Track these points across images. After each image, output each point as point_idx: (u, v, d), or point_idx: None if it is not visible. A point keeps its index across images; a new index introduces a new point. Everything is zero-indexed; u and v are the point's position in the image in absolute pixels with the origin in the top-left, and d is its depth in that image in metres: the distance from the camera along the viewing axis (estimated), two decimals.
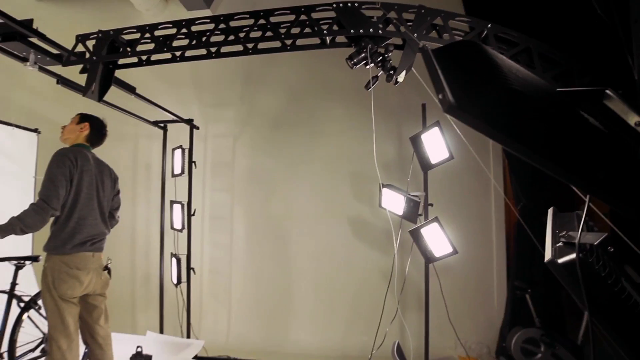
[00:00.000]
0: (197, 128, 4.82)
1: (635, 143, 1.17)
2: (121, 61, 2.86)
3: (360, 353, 4.21)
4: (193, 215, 4.62)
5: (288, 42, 2.66)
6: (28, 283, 3.87)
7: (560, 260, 1.21)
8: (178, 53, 2.81)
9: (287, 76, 5.03)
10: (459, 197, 4.60)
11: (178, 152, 4.58)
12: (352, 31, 2.42)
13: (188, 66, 5.05)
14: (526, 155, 0.94)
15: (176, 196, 4.64)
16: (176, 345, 4.26)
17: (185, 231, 4.60)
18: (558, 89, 1.34)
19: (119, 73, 2.94)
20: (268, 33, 2.57)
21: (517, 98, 1.05)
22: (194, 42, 2.65)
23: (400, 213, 3.63)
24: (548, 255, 1.29)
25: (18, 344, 3.18)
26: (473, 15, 2.51)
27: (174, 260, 4.53)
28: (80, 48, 2.72)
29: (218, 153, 5.21)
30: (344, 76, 4.13)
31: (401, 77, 2.53)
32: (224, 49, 2.77)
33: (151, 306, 5.00)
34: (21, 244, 4.25)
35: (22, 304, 3.25)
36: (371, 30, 2.41)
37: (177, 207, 4.57)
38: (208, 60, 2.84)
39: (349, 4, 2.44)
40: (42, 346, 3.39)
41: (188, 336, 4.57)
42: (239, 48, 2.71)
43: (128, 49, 2.69)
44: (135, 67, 2.92)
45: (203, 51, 2.77)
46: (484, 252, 4.62)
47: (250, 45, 2.67)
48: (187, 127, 4.70)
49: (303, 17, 2.52)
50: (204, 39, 2.63)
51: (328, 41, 2.64)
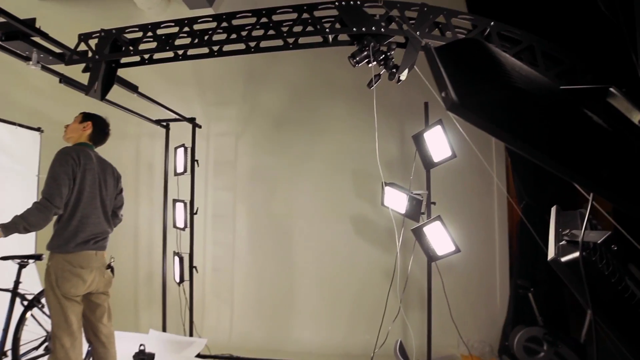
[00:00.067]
0: (200, 127, 4.83)
1: (639, 141, 1.16)
2: (123, 60, 2.87)
3: (362, 351, 4.21)
4: (195, 213, 4.63)
5: (290, 41, 2.66)
6: (31, 281, 3.89)
7: (563, 258, 1.21)
8: (180, 52, 2.82)
9: (290, 75, 5.03)
10: (462, 196, 4.59)
11: (180, 151, 4.59)
12: (355, 29, 2.42)
13: (190, 65, 5.05)
14: (529, 153, 0.94)
15: (179, 195, 4.65)
16: (179, 343, 4.28)
17: (187, 230, 4.61)
18: (561, 87, 1.33)
19: (122, 72, 2.95)
20: (270, 31, 2.57)
21: (520, 96, 1.04)
22: (196, 41, 2.65)
23: (402, 211, 3.62)
24: (551, 253, 1.28)
25: (22, 342, 3.19)
26: (476, 13, 2.51)
27: (177, 258, 4.54)
28: (82, 47, 2.73)
29: (220, 151, 5.21)
30: (346, 74, 4.11)
31: (404, 76, 2.52)
32: (226, 48, 2.77)
33: (154, 304, 5.02)
34: (24, 243, 4.26)
35: (26, 303, 3.26)
36: (373, 28, 2.41)
37: (180, 206, 4.58)
38: (210, 58, 2.84)
39: (352, 2, 2.44)
40: (46, 344, 3.41)
41: (191, 334, 4.59)
42: (241, 46, 2.71)
43: (130, 48, 2.70)
44: (137, 66, 2.93)
45: (205, 50, 2.77)
46: (487, 251, 4.62)
47: (252, 43, 2.67)
48: (190, 126, 4.71)
49: (305, 16, 2.52)
50: (206, 38, 2.63)
51: (330, 39, 2.64)
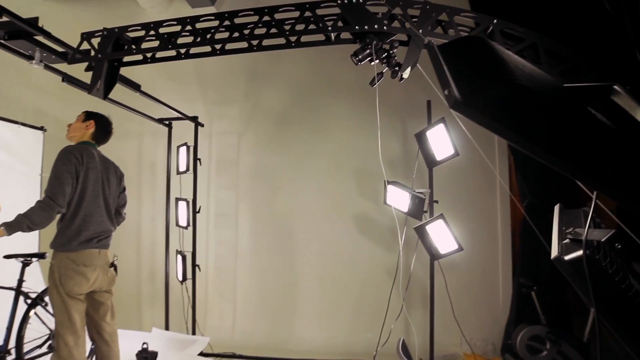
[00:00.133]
0: (202, 125, 4.83)
1: None
2: (126, 59, 2.87)
3: (365, 350, 4.21)
4: (198, 212, 4.64)
5: (293, 39, 2.66)
6: (35, 280, 3.90)
7: (567, 257, 1.20)
8: (182, 50, 2.82)
9: (292, 73, 5.02)
10: (465, 194, 4.58)
11: (183, 150, 4.59)
12: (357, 27, 2.41)
13: (192, 63, 5.02)
14: (533, 151, 0.93)
15: (181, 193, 4.66)
16: (182, 341, 4.28)
17: (190, 228, 4.62)
18: (565, 85, 1.33)
19: (124, 71, 2.95)
20: (272, 30, 2.57)
21: (524, 94, 1.04)
22: (199, 40, 2.65)
23: (405, 210, 3.62)
24: (554, 252, 1.28)
25: (25, 340, 3.20)
26: (478, 10, 2.49)
27: (179, 257, 4.54)
28: (85, 46, 2.73)
29: (223, 150, 5.21)
30: (349, 73, 4.11)
31: (406, 74, 2.52)
32: (229, 46, 2.77)
33: (157, 303, 5.03)
34: (28, 241, 4.27)
35: (29, 301, 3.27)
36: (376, 26, 2.40)
37: (182, 205, 4.58)
38: (212, 57, 2.84)
39: (354, 0, 2.43)
40: (49, 342, 3.41)
41: (193, 333, 4.60)
42: (244, 45, 2.71)
43: (133, 47, 2.70)
44: (140, 65, 2.93)
45: (207, 48, 2.77)
46: (490, 249, 4.61)
47: (254, 42, 2.67)
48: (192, 125, 4.71)
49: (308, 14, 2.52)
50: (209, 36, 2.63)
51: (333, 38, 2.63)
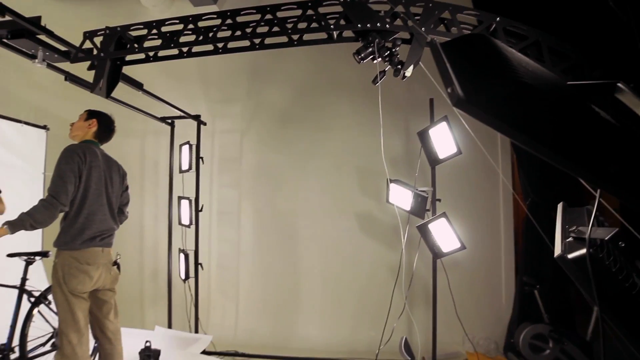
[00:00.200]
0: (205, 124, 4.83)
1: None
2: (128, 57, 2.87)
3: (367, 348, 4.21)
4: (201, 211, 4.65)
5: (295, 37, 2.66)
6: (38, 278, 3.91)
7: (570, 255, 1.20)
8: (185, 49, 2.82)
9: (294, 71, 5.02)
10: (467, 193, 4.57)
11: (185, 148, 4.59)
12: (360, 25, 2.40)
13: (195, 62, 5.03)
14: (536, 149, 0.93)
15: (184, 192, 4.66)
16: (184, 340, 4.29)
17: (193, 227, 4.62)
18: (568, 83, 1.32)
19: (126, 69, 2.95)
20: (275, 28, 2.56)
21: (527, 91, 1.03)
22: (201, 38, 2.65)
23: (407, 208, 3.61)
24: (558, 250, 1.28)
25: (29, 339, 3.21)
26: (481, 8, 2.48)
27: (182, 255, 4.55)
28: (87, 45, 2.74)
29: (225, 149, 5.21)
30: (351, 71, 4.11)
31: (409, 72, 2.51)
32: (231, 45, 2.77)
33: (159, 301, 5.04)
34: (31, 240, 4.28)
35: (33, 299, 3.28)
36: (378, 24, 2.39)
37: (185, 203, 4.59)
38: (215, 55, 2.84)
39: None
40: (53, 340, 3.43)
41: (196, 331, 4.61)
42: (246, 43, 2.71)
43: (135, 45, 2.70)
44: (142, 64, 2.93)
45: (210, 47, 2.77)
46: (492, 248, 4.60)
47: (257, 40, 2.67)
48: (195, 123, 4.71)
49: (310, 12, 2.51)
50: (211, 35, 2.63)
51: (335, 36, 2.63)
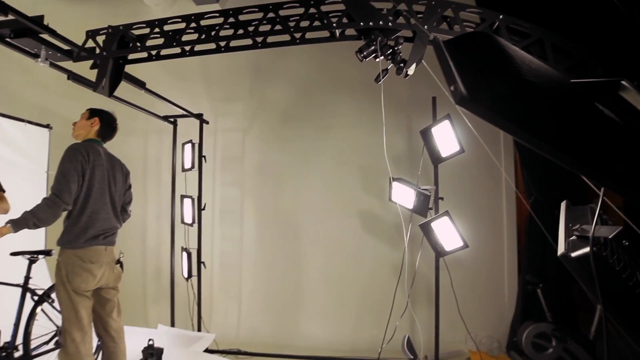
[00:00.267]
0: (207, 122, 4.83)
1: None
2: (131, 56, 2.87)
3: (370, 347, 4.21)
4: (203, 209, 4.65)
5: (297, 36, 2.65)
6: (41, 277, 3.92)
7: (573, 254, 1.19)
8: (187, 47, 2.82)
9: (297, 70, 5.02)
10: (470, 191, 4.56)
11: (188, 147, 4.60)
12: (362, 24, 2.40)
13: (197, 60, 5.05)
14: (539, 147, 0.93)
15: (186, 190, 4.67)
16: (187, 338, 4.30)
17: (195, 225, 4.63)
18: (572, 80, 1.32)
19: (129, 68, 2.95)
20: (277, 26, 2.56)
21: (531, 89, 1.03)
22: (203, 37, 2.65)
23: (410, 207, 3.61)
24: (561, 248, 1.27)
25: (32, 337, 3.22)
26: (484, 6, 2.47)
27: (185, 254, 4.56)
28: (90, 44, 2.74)
29: (228, 147, 5.22)
30: (353, 70, 4.10)
31: (411, 70, 2.51)
32: (233, 43, 2.77)
33: (162, 300, 5.05)
34: (34, 239, 4.29)
35: (36, 298, 3.29)
36: (381, 22, 2.39)
37: (188, 202, 4.60)
38: (217, 54, 2.84)
39: None
40: (56, 339, 3.44)
41: (199, 330, 4.62)
42: (248, 42, 2.71)
43: (138, 44, 2.70)
44: (144, 62, 2.94)
45: (212, 45, 2.77)
46: (495, 246, 4.59)
47: (259, 39, 2.66)
48: (197, 122, 4.72)
49: (312, 10, 2.51)
50: (213, 33, 2.63)
51: (337, 34, 2.62)
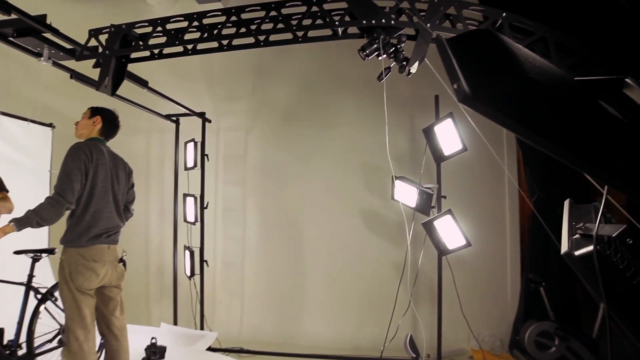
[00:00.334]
0: (209, 121, 4.84)
1: None
2: (133, 55, 2.87)
3: (372, 345, 4.21)
4: (206, 208, 4.65)
5: (300, 34, 2.65)
6: (45, 275, 3.93)
7: (577, 252, 1.19)
8: (190, 46, 2.82)
9: (299, 68, 5.01)
10: (473, 190, 4.55)
11: (190, 146, 4.60)
12: (364, 22, 2.39)
13: (199, 59, 5.06)
14: (543, 145, 0.92)
15: (189, 189, 4.67)
16: (190, 336, 4.31)
17: (198, 224, 4.64)
18: (575, 78, 1.31)
19: (131, 67, 2.95)
20: (279, 25, 2.55)
21: (534, 87, 1.03)
22: (206, 35, 2.65)
23: (413, 205, 3.61)
24: (564, 247, 1.27)
25: (36, 335, 3.23)
26: (487, 4, 2.47)
27: (187, 252, 4.56)
28: (93, 43, 2.74)
29: (230, 146, 5.22)
30: (356, 69, 4.10)
31: (414, 68, 2.50)
32: (236, 42, 2.77)
33: (165, 298, 5.06)
34: (38, 237, 4.31)
35: (39, 296, 3.30)
36: (383, 20, 2.38)
37: (190, 200, 4.60)
38: (219, 53, 2.84)
39: None
40: (59, 337, 3.45)
41: (202, 328, 4.62)
42: (251, 40, 2.70)
43: (140, 43, 2.71)
44: (147, 61, 2.94)
45: (214, 44, 2.77)
46: (498, 245, 4.58)
47: (261, 37, 2.66)
48: (200, 121, 4.72)
49: (315, 9, 2.50)
50: (216, 32, 2.63)
51: (340, 32, 2.62)
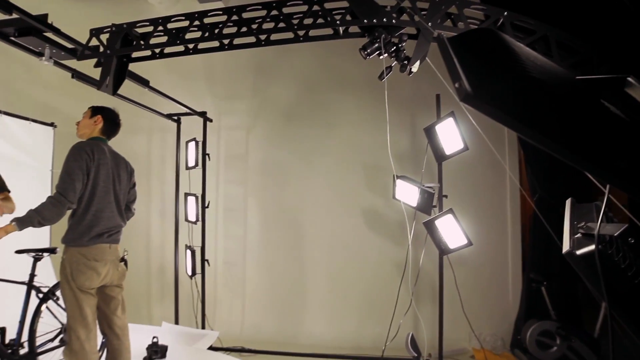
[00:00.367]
0: (211, 120, 4.84)
1: None
2: (135, 54, 2.87)
3: (373, 344, 4.21)
4: (207, 207, 4.66)
5: (301, 33, 2.65)
6: (46, 274, 3.94)
7: (578, 251, 1.19)
8: (191, 45, 2.82)
9: (300, 68, 5.01)
10: (474, 189, 4.55)
11: (192, 145, 4.60)
12: (366, 21, 2.39)
13: (201, 59, 5.05)
14: (544, 144, 0.92)
15: (190, 188, 4.68)
16: (191, 336, 4.32)
17: (199, 223, 4.64)
18: (577, 77, 1.31)
19: (133, 66, 2.95)
20: (280, 24, 2.55)
21: (536, 86, 1.02)
22: (207, 35, 2.65)
23: (414, 205, 3.60)
24: (566, 246, 1.27)
25: (38, 334, 3.24)
26: (488, 3, 2.46)
27: (189, 252, 4.57)
28: (94, 42, 2.74)
29: (231, 145, 5.22)
30: (357, 68, 4.10)
31: (415, 67, 2.50)
32: (237, 41, 2.77)
33: (166, 297, 5.07)
34: (39, 237, 4.31)
35: (41, 295, 3.30)
36: (385, 19, 2.38)
37: (192, 200, 4.60)
38: (220, 52, 2.84)
39: None
40: (61, 336, 3.45)
41: (203, 327, 4.63)
42: (252, 40, 2.70)
43: (141, 42, 2.70)
44: (148, 60, 2.94)
45: (216, 43, 2.77)
46: (499, 244, 4.58)
47: (262, 36, 2.66)
48: (201, 120, 4.72)
49: (316, 8, 2.50)
50: (217, 31, 2.63)
51: (341, 31, 2.62)
